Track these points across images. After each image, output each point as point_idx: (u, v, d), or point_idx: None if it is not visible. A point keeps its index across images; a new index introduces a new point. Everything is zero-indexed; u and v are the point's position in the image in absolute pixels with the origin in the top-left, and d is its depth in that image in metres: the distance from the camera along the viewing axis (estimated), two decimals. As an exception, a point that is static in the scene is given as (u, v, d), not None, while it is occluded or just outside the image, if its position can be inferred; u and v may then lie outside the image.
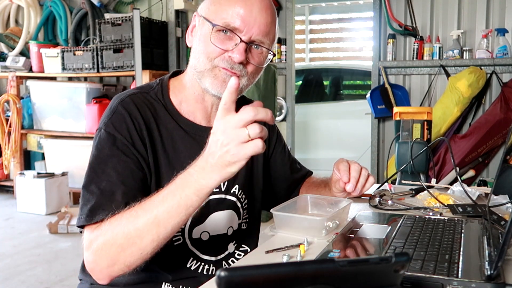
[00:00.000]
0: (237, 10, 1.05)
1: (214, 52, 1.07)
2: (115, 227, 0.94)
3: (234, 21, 1.05)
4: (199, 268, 1.16)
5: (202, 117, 1.17)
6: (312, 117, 5.53)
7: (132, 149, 1.05)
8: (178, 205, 0.90)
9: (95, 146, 1.06)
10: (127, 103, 1.09)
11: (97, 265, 0.97)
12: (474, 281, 0.80)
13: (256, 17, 1.06)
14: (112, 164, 1.03)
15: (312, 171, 1.48)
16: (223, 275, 0.52)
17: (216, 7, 1.08)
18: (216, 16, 1.07)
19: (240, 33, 1.06)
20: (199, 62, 1.09)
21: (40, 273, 2.95)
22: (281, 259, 0.97)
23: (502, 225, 1.08)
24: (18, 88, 5.04)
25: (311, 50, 7.85)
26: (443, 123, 3.80)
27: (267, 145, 1.34)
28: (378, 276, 0.60)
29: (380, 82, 4.20)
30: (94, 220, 0.98)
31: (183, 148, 1.13)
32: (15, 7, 5.48)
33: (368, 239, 1.08)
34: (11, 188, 5.09)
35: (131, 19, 4.23)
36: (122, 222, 0.94)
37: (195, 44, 1.12)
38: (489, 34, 3.82)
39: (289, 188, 1.40)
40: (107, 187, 1.01)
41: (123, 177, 1.02)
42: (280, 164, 1.38)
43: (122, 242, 0.93)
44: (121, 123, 1.06)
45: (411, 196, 1.50)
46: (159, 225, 0.92)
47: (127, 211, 0.95)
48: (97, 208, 0.99)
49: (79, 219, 1.00)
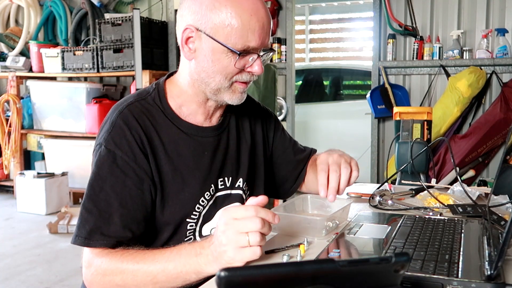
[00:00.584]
0: (252, 30, 1.03)
1: (234, 72, 1.08)
2: (115, 269, 0.99)
3: (254, 42, 1.05)
4: None
5: (203, 118, 1.18)
6: (312, 117, 5.53)
7: (133, 165, 1.05)
8: (177, 276, 0.96)
9: (95, 163, 1.06)
10: (125, 115, 1.08)
11: (94, 286, 1.03)
12: (474, 281, 0.80)
13: (267, 28, 1.06)
14: (111, 183, 1.04)
15: (316, 149, 1.46)
16: (223, 275, 0.52)
17: (231, 31, 1.03)
18: (232, 40, 1.03)
19: (257, 51, 1.07)
20: (215, 81, 1.09)
21: (40, 273, 2.95)
22: (281, 259, 0.97)
23: (502, 225, 1.08)
24: (18, 88, 5.04)
25: (311, 50, 7.85)
26: (443, 123, 3.80)
27: (267, 135, 1.34)
28: (378, 276, 0.60)
29: (380, 82, 4.20)
30: (92, 245, 1.02)
31: (187, 151, 1.13)
32: (15, 7, 5.48)
33: (368, 239, 1.08)
34: (11, 188, 5.09)
35: (131, 19, 4.23)
36: (122, 267, 0.98)
37: (203, 62, 1.08)
38: (489, 34, 3.82)
39: (295, 170, 1.40)
40: (105, 208, 1.03)
41: (121, 198, 1.03)
42: (282, 149, 1.38)
43: (120, 284, 0.99)
44: (121, 139, 1.06)
45: (411, 196, 1.51)
46: (155, 284, 0.97)
47: (130, 256, 0.99)
48: (96, 232, 1.01)
49: (77, 238, 1.02)
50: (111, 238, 1.01)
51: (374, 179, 4.29)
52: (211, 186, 1.16)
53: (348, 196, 1.53)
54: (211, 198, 1.17)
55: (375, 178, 4.30)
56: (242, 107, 1.26)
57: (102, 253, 1.01)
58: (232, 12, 1.02)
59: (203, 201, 1.15)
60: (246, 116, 1.29)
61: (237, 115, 1.26)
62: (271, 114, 1.39)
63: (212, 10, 1.03)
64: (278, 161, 1.38)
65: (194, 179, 1.13)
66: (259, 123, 1.32)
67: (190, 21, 1.07)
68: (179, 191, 1.11)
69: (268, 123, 1.36)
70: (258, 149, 1.30)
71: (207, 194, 1.15)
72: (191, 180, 1.12)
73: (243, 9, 1.02)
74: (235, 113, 1.26)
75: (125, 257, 0.99)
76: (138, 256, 0.99)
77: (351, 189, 1.67)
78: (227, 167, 1.20)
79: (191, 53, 1.09)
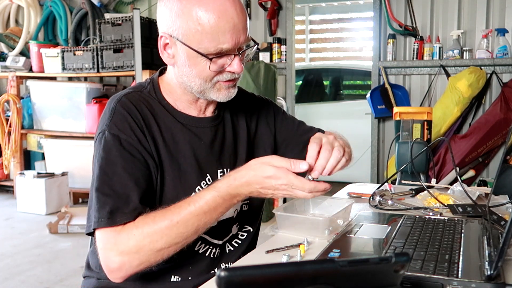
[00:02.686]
0: (223, 32, 1.02)
1: (212, 74, 1.08)
2: (149, 233, 0.99)
3: (226, 44, 1.03)
4: (206, 251, 1.18)
5: (196, 113, 1.19)
6: (312, 117, 5.52)
7: (139, 147, 1.07)
8: (216, 206, 1.01)
9: (103, 149, 1.06)
10: (124, 102, 1.10)
11: (126, 265, 0.99)
12: (474, 281, 0.80)
13: (239, 26, 1.04)
14: (122, 165, 1.04)
15: (323, 130, 1.40)
16: (223, 275, 0.52)
17: (201, 36, 1.02)
18: (204, 44, 1.03)
19: (233, 51, 1.05)
20: (196, 84, 1.09)
21: (40, 273, 2.95)
22: (281, 259, 0.97)
23: (502, 225, 1.09)
24: (18, 88, 5.04)
25: (311, 50, 7.85)
26: (443, 123, 3.80)
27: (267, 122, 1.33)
28: (378, 276, 0.60)
29: (380, 82, 4.20)
30: (116, 223, 1.00)
31: (183, 140, 1.14)
32: (15, 7, 5.48)
33: (368, 239, 1.08)
34: (11, 188, 5.09)
35: (131, 19, 4.23)
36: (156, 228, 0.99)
37: (182, 67, 1.09)
38: (489, 34, 3.82)
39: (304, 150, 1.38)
40: (122, 189, 1.03)
41: (135, 178, 1.04)
42: (286, 132, 1.36)
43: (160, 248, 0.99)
44: (123, 123, 1.07)
45: (411, 196, 1.50)
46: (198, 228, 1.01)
47: (158, 216, 1.00)
48: (116, 211, 1.00)
49: (99, 221, 1.00)
50: (133, 213, 1.01)
51: (374, 179, 4.30)
52: (207, 176, 1.16)
53: (349, 196, 1.53)
54: None
55: (375, 178, 4.30)
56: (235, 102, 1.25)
57: (126, 228, 1.00)
58: (200, 17, 1.01)
59: (199, 190, 1.14)
60: (241, 110, 1.29)
61: (231, 109, 1.26)
62: (267, 101, 1.37)
63: (181, 16, 1.03)
64: (285, 144, 1.36)
65: (191, 168, 1.14)
66: (255, 115, 1.31)
67: (164, 28, 1.08)
68: (175, 178, 1.12)
69: (266, 110, 1.35)
70: (256, 141, 1.29)
71: (204, 183, 1.15)
72: (188, 168, 1.13)
73: (209, 12, 1.01)
74: (229, 108, 1.25)
75: (153, 218, 1.00)
76: (167, 213, 1.00)
77: (351, 189, 1.67)
78: (225, 158, 1.21)
79: (171, 59, 1.10)
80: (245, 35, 1.06)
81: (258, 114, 1.33)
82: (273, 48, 4.55)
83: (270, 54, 4.54)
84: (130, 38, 4.31)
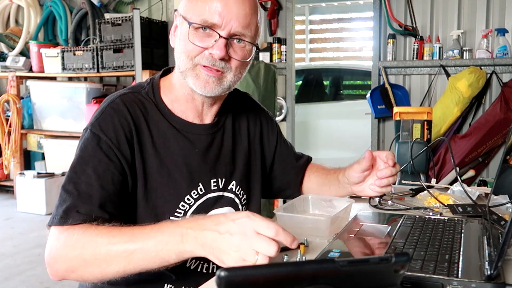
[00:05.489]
0: (214, 5, 1.03)
1: (194, 51, 1.06)
2: (86, 242, 0.93)
3: (212, 17, 1.03)
4: (198, 267, 1.15)
5: (194, 116, 1.17)
6: (312, 117, 5.52)
7: (116, 151, 1.03)
8: (156, 255, 0.89)
9: (79, 146, 1.05)
10: (117, 104, 1.08)
11: (55, 264, 0.96)
12: (474, 281, 0.80)
13: (233, 9, 1.03)
14: (93, 165, 1.01)
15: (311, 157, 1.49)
16: (223, 275, 0.52)
17: (193, 4, 1.06)
18: (193, 13, 1.05)
19: (219, 29, 1.04)
20: (181, 62, 1.09)
21: (40, 273, 2.95)
22: (281, 259, 0.97)
23: (502, 225, 1.08)
24: (18, 88, 5.04)
25: (311, 50, 7.85)
26: (443, 123, 3.80)
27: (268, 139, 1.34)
28: (378, 276, 0.60)
29: (380, 82, 4.20)
30: (67, 223, 0.96)
31: (176, 147, 1.12)
32: (15, 7, 5.48)
33: (368, 239, 1.07)
34: (11, 188, 5.09)
35: (131, 19, 4.23)
36: (96, 240, 0.92)
37: (176, 44, 1.11)
38: (489, 34, 3.82)
39: (298, 176, 1.42)
40: (85, 189, 0.99)
41: (102, 180, 1.00)
42: (285, 155, 1.38)
43: (88, 259, 0.92)
44: (107, 124, 1.05)
45: (411, 196, 1.50)
46: (129, 262, 0.90)
47: (105, 230, 0.93)
48: (72, 210, 0.96)
49: (53, 219, 0.98)
50: (87, 216, 0.96)
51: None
52: (199, 185, 1.13)
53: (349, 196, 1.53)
54: (199, 198, 1.14)
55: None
56: (240, 108, 1.25)
57: (74, 228, 0.95)
58: None
59: (189, 199, 1.12)
60: (245, 117, 1.28)
61: (234, 116, 1.25)
62: (271, 118, 1.37)
63: None
64: (282, 166, 1.37)
65: (181, 176, 1.11)
66: (258, 126, 1.31)
67: (178, 8, 1.12)
68: (163, 185, 1.09)
69: (271, 126, 1.35)
70: (255, 152, 1.29)
71: (194, 192, 1.12)
72: (177, 176, 1.10)
73: None
74: (232, 114, 1.24)
75: (100, 231, 0.93)
76: (115, 231, 0.92)
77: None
78: (220, 167, 1.18)
79: (174, 40, 1.13)
80: (240, 24, 1.05)
81: (261, 126, 1.32)
82: (273, 48, 4.55)
83: (270, 54, 4.54)
84: (130, 38, 4.31)
